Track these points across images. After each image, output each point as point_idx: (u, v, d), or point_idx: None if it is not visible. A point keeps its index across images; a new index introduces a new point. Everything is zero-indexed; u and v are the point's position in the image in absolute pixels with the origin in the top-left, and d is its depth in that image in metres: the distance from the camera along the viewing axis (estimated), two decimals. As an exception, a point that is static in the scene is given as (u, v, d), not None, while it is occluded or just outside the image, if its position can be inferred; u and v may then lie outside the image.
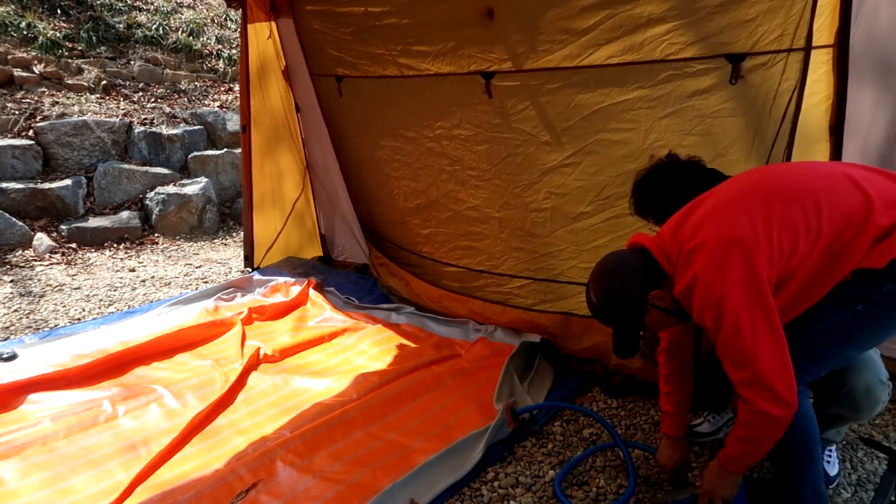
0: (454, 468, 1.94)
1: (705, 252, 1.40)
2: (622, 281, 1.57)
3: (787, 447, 1.54)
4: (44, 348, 2.78)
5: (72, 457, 2.02)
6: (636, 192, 1.89)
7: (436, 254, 3.27)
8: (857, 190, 1.40)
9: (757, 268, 1.35)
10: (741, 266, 1.36)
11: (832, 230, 1.37)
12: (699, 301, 1.41)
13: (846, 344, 1.46)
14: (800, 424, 1.50)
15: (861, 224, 1.36)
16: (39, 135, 5.10)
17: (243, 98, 3.72)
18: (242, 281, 3.73)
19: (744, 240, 1.37)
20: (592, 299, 1.61)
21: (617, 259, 1.63)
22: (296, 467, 1.96)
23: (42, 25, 6.14)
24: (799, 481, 1.56)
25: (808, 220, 1.38)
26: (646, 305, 1.56)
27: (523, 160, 2.68)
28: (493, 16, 2.51)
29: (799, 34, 1.95)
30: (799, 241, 1.38)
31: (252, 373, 2.61)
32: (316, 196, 4.12)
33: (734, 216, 1.42)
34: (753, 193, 1.45)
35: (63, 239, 4.70)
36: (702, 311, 1.41)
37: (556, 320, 2.72)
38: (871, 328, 1.44)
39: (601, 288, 1.59)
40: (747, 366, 1.36)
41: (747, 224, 1.39)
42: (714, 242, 1.40)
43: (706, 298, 1.39)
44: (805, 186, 1.43)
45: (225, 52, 7.37)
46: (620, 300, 1.57)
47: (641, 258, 1.58)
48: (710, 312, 1.39)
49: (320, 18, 3.25)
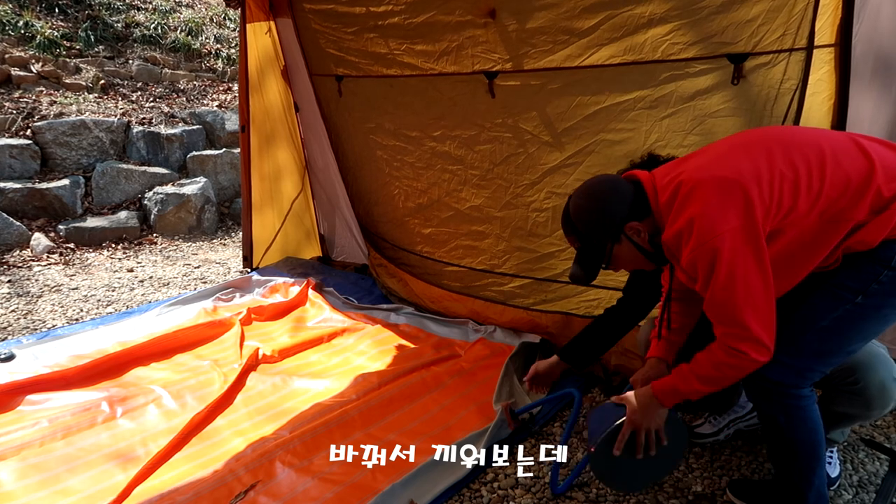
0: (454, 469, 1.93)
1: (703, 194, 1.35)
2: (605, 201, 1.52)
3: (793, 451, 1.52)
4: (41, 349, 2.77)
5: (70, 458, 2.00)
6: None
7: (436, 253, 3.26)
8: (862, 155, 1.35)
9: (755, 216, 1.31)
10: (740, 213, 1.31)
11: (833, 191, 1.33)
12: (693, 248, 1.35)
13: (850, 337, 1.43)
14: (807, 428, 1.48)
15: (861, 189, 1.32)
16: (37, 134, 5.08)
17: (242, 98, 3.71)
18: (241, 281, 3.72)
19: (745, 185, 1.32)
20: (569, 210, 1.57)
21: (608, 180, 1.58)
22: (295, 468, 1.94)
23: (40, 24, 6.12)
24: (804, 485, 1.54)
25: (811, 177, 1.33)
26: (620, 235, 1.52)
27: (525, 160, 2.68)
28: (496, 16, 2.51)
29: (801, 34, 1.95)
30: (799, 197, 1.33)
31: (251, 373, 2.59)
32: (315, 196, 4.11)
33: (737, 161, 1.37)
34: (758, 143, 1.40)
35: (61, 239, 4.68)
36: (694, 259, 1.36)
37: (557, 320, 2.72)
38: (872, 319, 1.41)
39: (582, 202, 1.55)
40: (737, 323, 1.34)
41: (750, 170, 1.34)
42: (713, 184, 1.35)
43: (701, 246, 1.34)
44: (811, 142, 1.38)
45: (224, 52, 7.35)
46: (597, 219, 1.53)
47: (632, 189, 1.53)
48: (703, 262, 1.35)
49: (320, 18, 3.24)
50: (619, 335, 2.13)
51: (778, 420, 1.50)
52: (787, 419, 1.49)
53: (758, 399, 1.53)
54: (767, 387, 1.48)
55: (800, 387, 1.46)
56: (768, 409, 1.51)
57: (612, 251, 1.55)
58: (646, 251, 1.54)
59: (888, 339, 2.06)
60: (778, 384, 1.46)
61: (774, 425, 1.52)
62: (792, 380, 1.46)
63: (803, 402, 1.47)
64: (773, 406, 1.49)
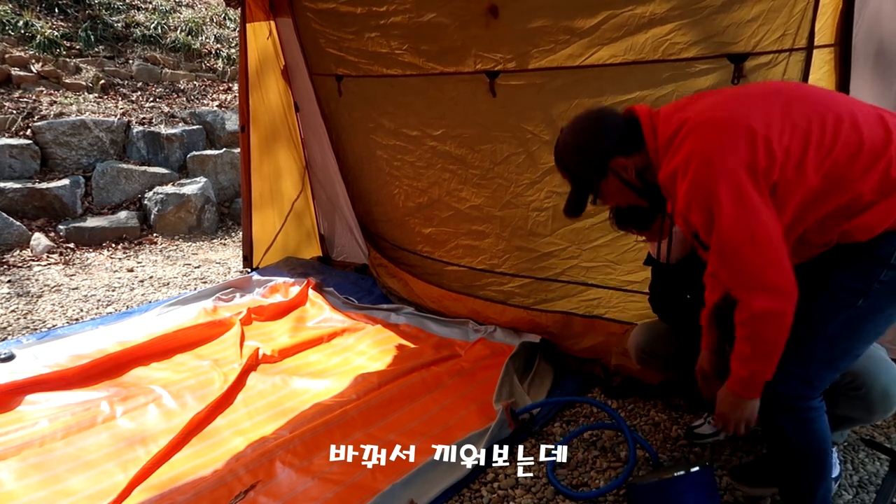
0: (454, 469, 1.93)
1: (705, 133, 1.29)
2: (592, 135, 1.49)
3: (801, 462, 1.49)
4: (41, 349, 2.77)
5: (69, 458, 2.00)
6: (616, 208, 1.87)
7: (436, 253, 3.26)
8: (882, 127, 1.29)
9: (758, 160, 1.24)
10: (742, 155, 1.24)
11: (844, 152, 1.26)
12: (689, 187, 1.29)
13: (856, 341, 1.39)
14: (816, 439, 1.45)
15: (872, 159, 1.26)
16: (37, 134, 5.08)
17: (242, 97, 3.71)
18: (241, 281, 3.72)
19: (752, 129, 1.25)
20: (559, 143, 1.56)
21: (598, 113, 1.54)
22: (295, 468, 1.94)
23: (40, 24, 6.12)
24: (810, 496, 1.51)
25: (824, 133, 1.27)
26: (605, 170, 1.49)
27: (525, 159, 2.68)
28: (498, 14, 2.51)
29: (801, 34, 1.94)
30: (809, 151, 1.27)
31: (251, 373, 2.59)
32: (315, 196, 4.11)
33: (748, 105, 1.31)
34: (776, 94, 1.35)
35: (61, 239, 4.68)
36: (689, 200, 1.30)
37: (557, 320, 2.71)
38: (876, 320, 1.37)
39: (568, 138, 1.54)
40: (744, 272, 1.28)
41: (760, 116, 1.27)
42: (718, 124, 1.29)
43: (697, 186, 1.27)
44: (831, 102, 1.33)
45: (224, 52, 7.35)
46: (583, 153, 1.50)
47: (624, 123, 1.48)
48: (700, 201, 1.28)
49: (321, 18, 3.24)
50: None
51: (786, 431, 1.45)
52: (796, 430, 1.45)
53: (767, 410, 1.48)
54: (776, 398, 1.43)
55: (810, 398, 1.43)
56: (777, 421, 1.47)
57: (599, 186, 1.52)
58: (634, 187, 1.50)
59: (888, 338, 2.06)
60: (787, 396, 1.42)
61: (782, 436, 1.47)
62: (802, 391, 1.41)
63: (812, 414, 1.44)
64: (783, 417, 1.45)
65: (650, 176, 1.49)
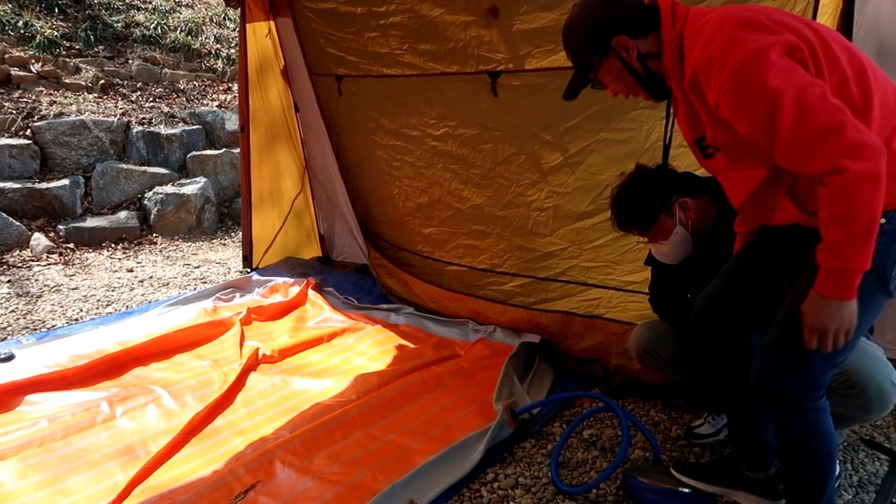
0: (454, 469, 1.93)
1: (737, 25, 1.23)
2: (599, 9, 1.45)
3: (807, 464, 1.48)
4: (41, 349, 2.76)
5: (69, 458, 2.00)
6: (617, 209, 1.87)
7: (436, 253, 3.26)
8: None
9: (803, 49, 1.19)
10: (788, 37, 1.20)
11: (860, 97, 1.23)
12: (731, 72, 1.21)
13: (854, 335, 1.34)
14: (822, 441, 1.44)
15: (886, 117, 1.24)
16: (37, 134, 5.08)
17: (242, 97, 3.71)
18: (241, 281, 3.72)
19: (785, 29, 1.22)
20: (567, 19, 1.51)
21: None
22: (295, 468, 1.94)
23: (39, 24, 6.12)
24: (816, 494, 1.50)
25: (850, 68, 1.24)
26: (607, 49, 1.44)
27: (526, 159, 2.68)
28: (498, 14, 2.51)
29: (801, 34, 1.94)
30: (836, 72, 1.23)
31: (251, 373, 2.59)
32: (315, 196, 4.10)
33: (780, 16, 1.28)
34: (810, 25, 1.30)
35: (61, 239, 4.68)
36: (732, 89, 1.21)
37: (558, 319, 2.71)
38: (867, 308, 1.31)
39: (574, 11, 1.50)
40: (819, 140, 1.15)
41: (792, 27, 1.24)
42: (751, 20, 1.23)
43: (738, 70, 1.19)
44: (863, 56, 1.30)
45: (224, 52, 7.35)
46: (586, 26, 1.46)
47: (639, 5, 1.44)
48: (749, 88, 1.19)
49: (321, 18, 3.24)
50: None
51: (793, 434, 1.44)
52: (803, 433, 1.44)
53: (774, 414, 1.46)
54: (784, 402, 1.42)
55: (815, 399, 1.42)
56: (785, 424, 1.45)
57: (599, 66, 1.48)
58: (636, 73, 1.46)
59: (889, 338, 2.07)
60: (794, 398, 1.41)
61: (789, 439, 1.46)
62: (807, 393, 1.40)
63: (818, 416, 1.43)
64: (790, 421, 1.44)
65: (655, 66, 1.45)
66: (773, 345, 1.43)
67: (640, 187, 1.84)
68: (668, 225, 1.81)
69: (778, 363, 1.40)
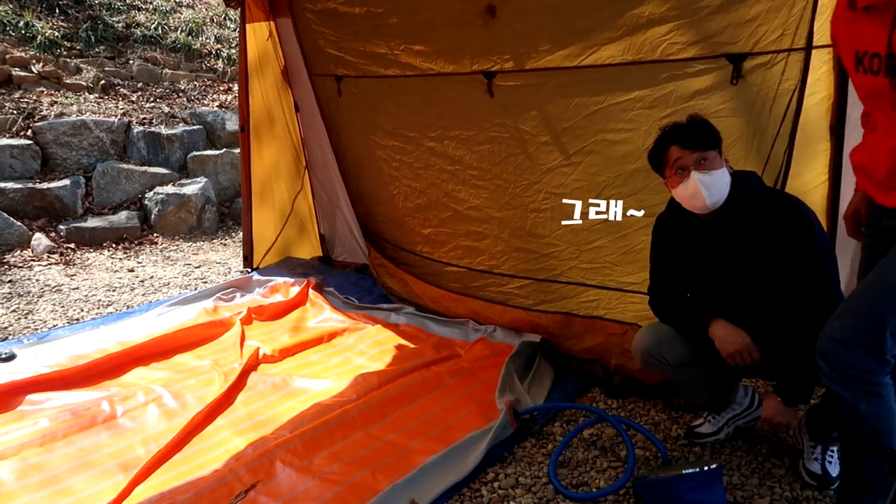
0: (454, 469, 1.94)
1: None
2: None
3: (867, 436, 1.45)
4: (42, 349, 2.77)
5: (70, 457, 2.01)
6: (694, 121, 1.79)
7: (436, 254, 3.26)
8: None
9: None
10: None
11: None
12: None
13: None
14: (884, 416, 1.42)
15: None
16: (38, 134, 5.08)
17: (242, 98, 3.72)
18: (242, 281, 3.72)
19: None
20: None
21: None
22: (295, 468, 1.95)
23: (40, 25, 6.13)
24: (874, 473, 1.48)
25: None
26: None
27: (524, 160, 2.68)
28: (496, 14, 2.51)
29: (799, 34, 1.95)
30: None
31: (251, 373, 2.60)
32: (315, 196, 4.11)
33: None
34: None
35: (61, 239, 4.69)
36: None
37: (557, 320, 2.72)
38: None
39: None
40: None
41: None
42: None
43: None
44: None
45: (224, 52, 7.35)
46: None
47: None
48: None
49: (320, 18, 3.24)
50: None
51: (859, 408, 1.42)
52: (868, 407, 1.42)
53: (840, 387, 1.43)
54: (852, 374, 1.40)
55: (883, 374, 1.40)
56: (851, 398, 1.42)
57: None
58: None
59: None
60: (863, 371, 1.39)
61: (854, 414, 1.43)
62: (875, 366, 1.38)
63: (884, 391, 1.41)
64: (857, 394, 1.41)
65: None
66: (846, 315, 1.41)
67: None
68: (717, 162, 1.77)
69: (852, 332, 1.38)
